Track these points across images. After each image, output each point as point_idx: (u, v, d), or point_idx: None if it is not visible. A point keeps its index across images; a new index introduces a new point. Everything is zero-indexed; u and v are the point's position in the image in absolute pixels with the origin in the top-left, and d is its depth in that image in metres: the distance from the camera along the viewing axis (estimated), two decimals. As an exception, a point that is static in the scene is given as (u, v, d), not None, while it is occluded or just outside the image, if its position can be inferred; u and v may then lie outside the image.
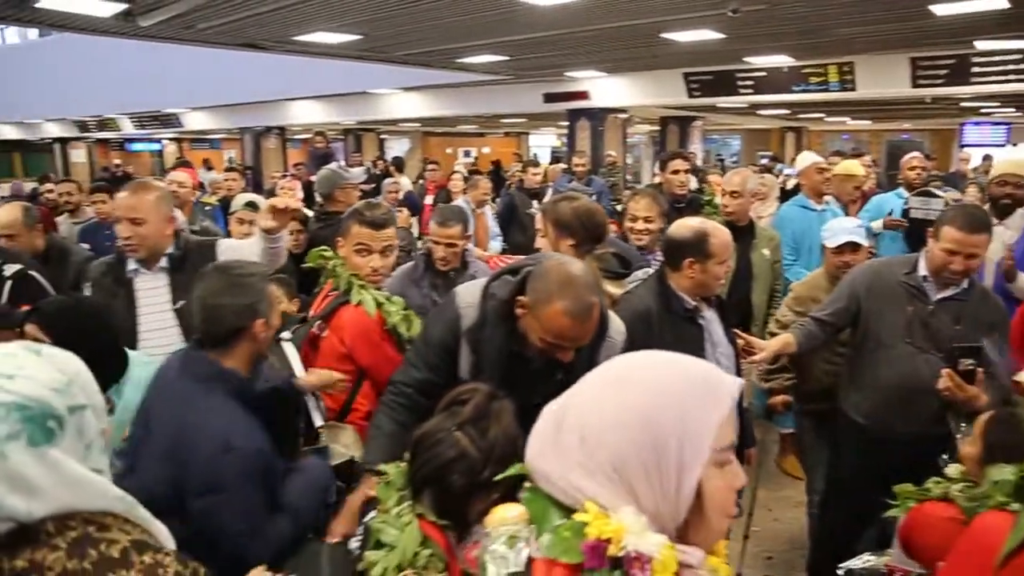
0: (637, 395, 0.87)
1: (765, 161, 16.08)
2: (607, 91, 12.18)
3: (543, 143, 26.20)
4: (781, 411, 3.38)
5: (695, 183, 4.74)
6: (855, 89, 9.95)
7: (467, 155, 23.86)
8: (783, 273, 4.09)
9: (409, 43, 8.49)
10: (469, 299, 2.00)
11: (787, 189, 7.18)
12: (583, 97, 12.33)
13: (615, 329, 2.05)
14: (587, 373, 1.96)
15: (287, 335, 2.36)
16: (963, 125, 17.01)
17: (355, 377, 2.38)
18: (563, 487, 0.88)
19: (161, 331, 2.56)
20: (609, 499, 0.85)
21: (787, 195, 6.16)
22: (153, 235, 2.56)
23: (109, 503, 1.03)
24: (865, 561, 2.22)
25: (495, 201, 7.05)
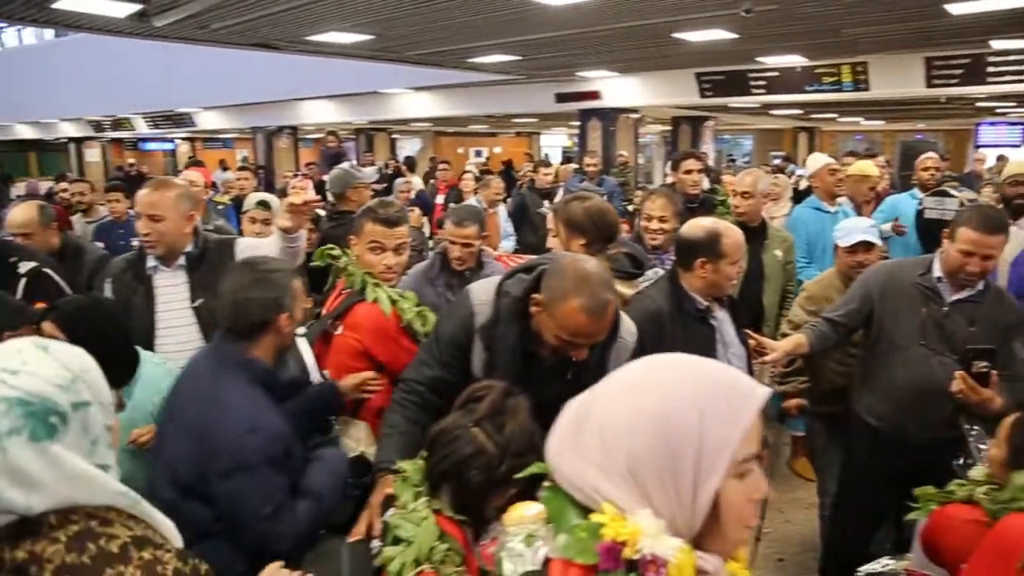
0: (656, 399, 0.86)
1: (777, 162, 16.01)
2: (619, 91, 12.16)
3: (554, 143, 26.17)
4: (795, 415, 3.36)
5: (707, 183, 4.72)
6: (868, 89, 9.88)
7: (478, 155, 23.87)
8: (796, 274, 4.07)
9: (421, 43, 8.50)
10: (483, 297, 2.00)
11: (800, 190, 7.14)
12: (595, 97, 12.30)
13: (626, 330, 2.04)
14: (597, 373, 1.98)
15: (301, 330, 2.37)
16: (978, 125, 16.88)
17: None
18: (581, 486, 0.87)
19: (179, 328, 2.58)
20: (625, 501, 0.84)
21: (800, 196, 6.13)
22: (172, 232, 2.58)
23: (111, 498, 1.04)
24: (884, 565, 2.20)
25: (506, 201, 7.05)
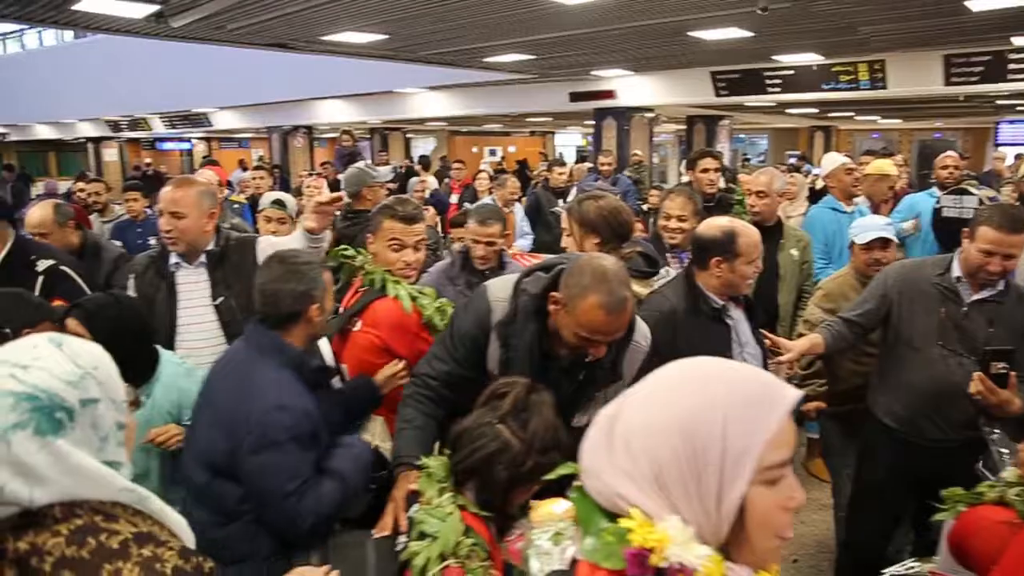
0: (681, 404, 0.84)
1: (793, 161, 15.89)
2: (634, 90, 12.11)
3: (569, 142, 26.14)
4: (814, 417, 3.32)
5: (723, 183, 4.69)
6: (886, 87, 9.78)
7: (492, 154, 23.89)
8: (813, 274, 4.03)
9: (436, 43, 8.52)
10: (501, 294, 2.01)
11: (816, 189, 7.08)
12: (609, 96, 12.27)
13: (641, 334, 2.05)
14: (609, 374, 1.98)
15: None
16: (998, 123, 16.68)
17: None
18: (606, 492, 0.86)
19: (199, 325, 2.60)
20: (651, 508, 0.83)
21: (816, 196, 6.07)
22: (192, 229, 2.60)
23: (116, 495, 1.05)
24: (908, 567, 2.17)
25: (521, 200, 7.05)
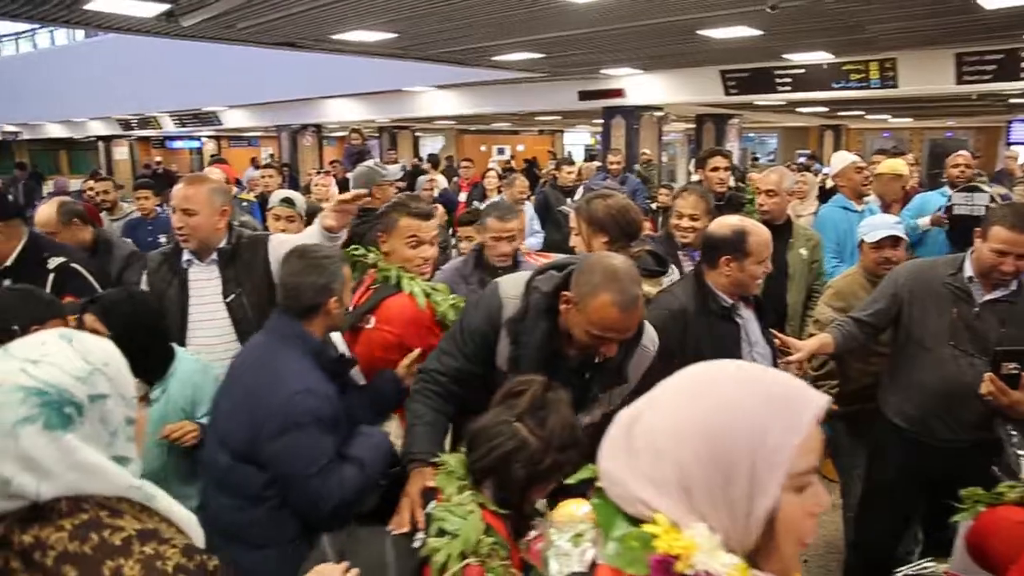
0: (708, 408, 0.82)
1: (803, 160, 15.82)
2: (643, 89, 12.09)
3: (577, 141, 26.11)
4: (826, 420, 3.30)
5: (732, 181, 4.67)
6: (897, 86, 9.71)
7: (501, 153, 23.89)
8: (824, 274, 4.01)
9: (445, 41, 8.52)
10: (512, 291, 2.01)
11: (825, 189, 7.05)
12: (618, 95, 12.24)
13: (648, 338, 2.05)
14: (614, 376, 1.99)
15: None
16: (1011, 122, 16.56)
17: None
18: (627, 496, 0.84)
19: (211, 322, 2.61)
20: (675, 513, 0.80)
21: (826, 195, 6.05)
22: (204, 226, 2.61)
23: (122, 491, 1.05)
24: (923, 568, 2.16)
25: (530, 199, 7.05)
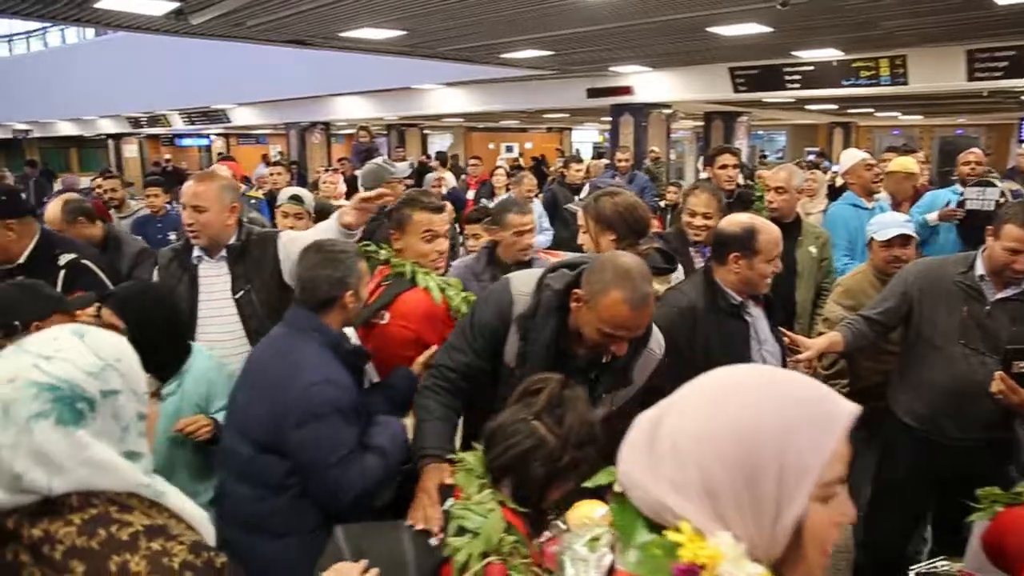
0: (736, 414, 0.79)
1: (812, 158, 15.74)
2: (651, 86, 12.06)
3: (586, 138, 26.07)
4: None
5: (741, 179, 4.65)
6: (907, 83, 9.65)
7: (509, 150, 23.88)
8: (833, 272, 3.99)
9: (453, 39, 8.52)
10: (524, 288, 2.01)
11: (835, 187, 7.00)
12: (627, 92, 12.22)
13: (656, 341, 2.05)
14: (619, 377, 1.99)
15: None
16: (1023, 120, 16.43)
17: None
18: (649, 501, 0.81)
19: (220, 318, 2.62)
20: (699, 519, 0.78)
21: (835, 193, 6.01)
22: (214, 223, 2.62)
23: (132, 488, 1.06)
24: (939, 567, 2.16)
25: (538, 196, 7.04)
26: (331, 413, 1.92)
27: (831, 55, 9.85)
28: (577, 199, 6.28)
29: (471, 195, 8.12)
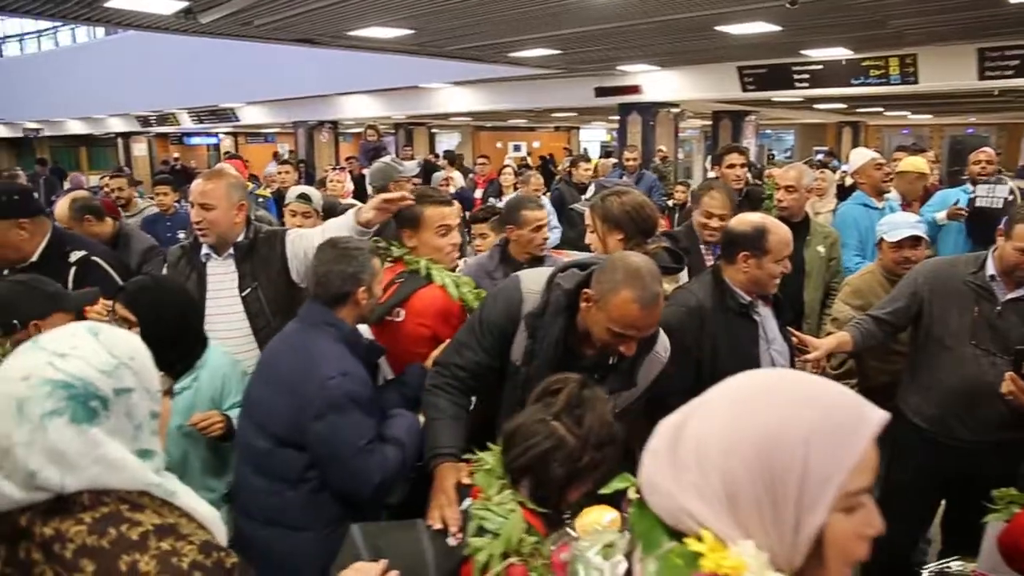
0: (760, 420, 0.77)
1: (820, 157, 15.68)
2: (659, 85, 12.03)
3: (593, 138, 26.04)
4: None
5: (749, 178, 4.63)
6: (917, 82, 9.60)
7: (517, 149, 23.87)
8: (841, 271, 3.97)
9: (461, 37, 8.53)
10: (534, 286, 2.01)
11: (844, 186, 6.97)
12: (635, 91, 12.19)
13: (662, 345, 2.06)
14: (624, 379, 1.99)
15: None
16: (1033, 119, 16.31)
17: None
18: (671, 507, 0.79)
19: (227, 316, 2.63)
20: (721, 528, 0.76)
21: (844, 193, 5.98)
22: (222, 221, 2.64)
23: (143, 487, 1.06)
24: (953, 567, 2.15)
25: (545, 195, 7.04)
26: (349, 405, 1.95)
27: (840, 54, 9.80)
28: (584, 199, 6.29)
29: (479, 194, 8.13)
